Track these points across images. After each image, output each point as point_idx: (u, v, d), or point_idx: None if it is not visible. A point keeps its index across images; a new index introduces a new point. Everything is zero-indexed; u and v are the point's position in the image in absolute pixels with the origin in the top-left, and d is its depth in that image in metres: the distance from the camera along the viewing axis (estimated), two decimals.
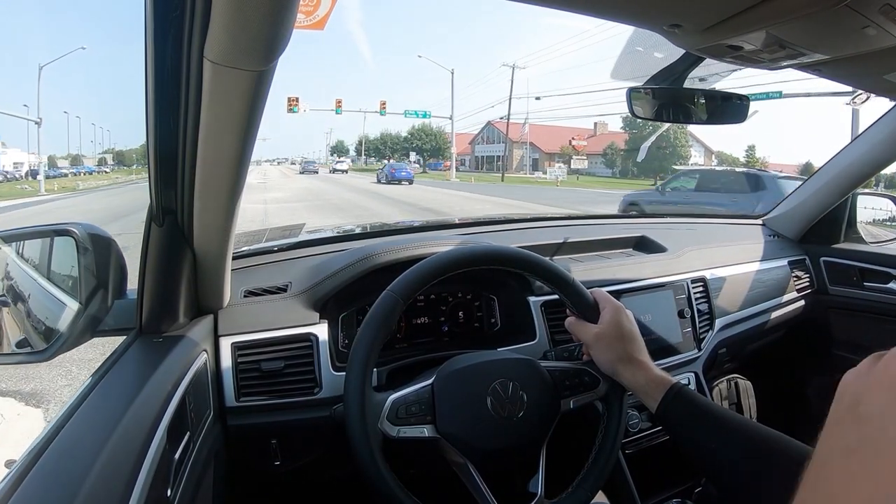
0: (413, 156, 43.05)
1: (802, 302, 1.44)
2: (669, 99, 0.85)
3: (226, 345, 0.81)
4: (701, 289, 1.19)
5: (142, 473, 0.47)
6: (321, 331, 0.86)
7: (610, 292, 0.76)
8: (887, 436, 0.28)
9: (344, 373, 0.67)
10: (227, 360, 0.80)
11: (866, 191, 1.53)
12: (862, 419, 0.29)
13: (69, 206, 14.09)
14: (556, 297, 0.94)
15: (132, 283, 0.69)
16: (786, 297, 1.40)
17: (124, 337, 0.70)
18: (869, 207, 1.52)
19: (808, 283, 1.47)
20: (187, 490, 0.59)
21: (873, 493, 0.27)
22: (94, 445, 0.46)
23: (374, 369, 0.75)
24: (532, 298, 0.99)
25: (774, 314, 1.36)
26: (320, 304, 0.88)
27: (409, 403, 0.68)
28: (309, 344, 0.84)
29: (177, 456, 0.57)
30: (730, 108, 0.88)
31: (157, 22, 0.45)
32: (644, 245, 1.29)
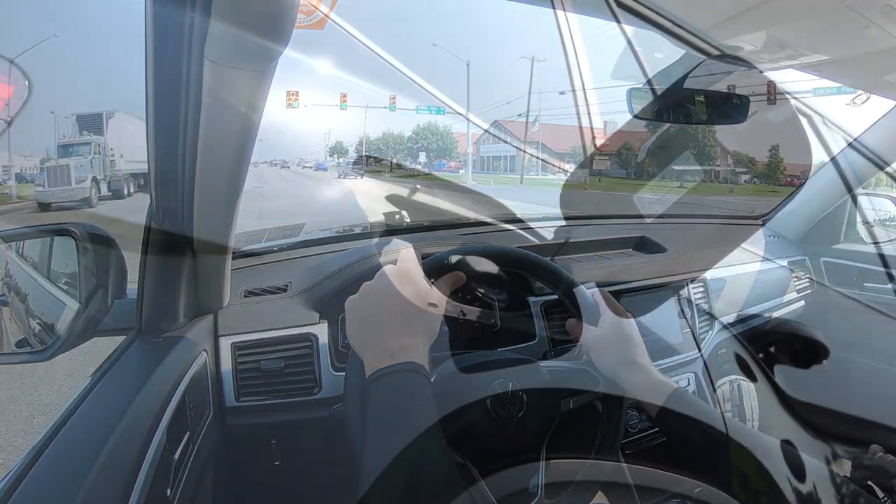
0: (423, 156, 43.00)
1: (802, 302, 1.44)
2: (670, 99, 0.85)
3: (226, 345, 0.81)
4: (701, 289, 1.19)
5: (141, 473, 0.47)
6: (321, 331, 0.86)
7: (610, 292, 0.76)
8: None
9: (344, 373, 0.67)
10: (226, 360, 0.80)
11: (866, 191, 1.53)
12: None
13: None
14: (555, 297, 0.94)
15: (132, 283, 0.69)
16: (786, 298, 1.40)
17: (124, 337, 0.70)
18: (869, 208, 1.52)
19: (808, 284, 1.47)
20: (187, 490, 0.59)
21: None
22: (94, 445, 0.46)
23: None
24: (532, 298, 0.99)
25: (775, 315, 1.35)
26: (320, 304, 0.88)
27: None
28: (309, 344, 0.84)
29: (176, 456, 0.57)
30: (730, 108, 0.88)
31: (158, 22, 0.45)
32: (644, 245, 1.29)
